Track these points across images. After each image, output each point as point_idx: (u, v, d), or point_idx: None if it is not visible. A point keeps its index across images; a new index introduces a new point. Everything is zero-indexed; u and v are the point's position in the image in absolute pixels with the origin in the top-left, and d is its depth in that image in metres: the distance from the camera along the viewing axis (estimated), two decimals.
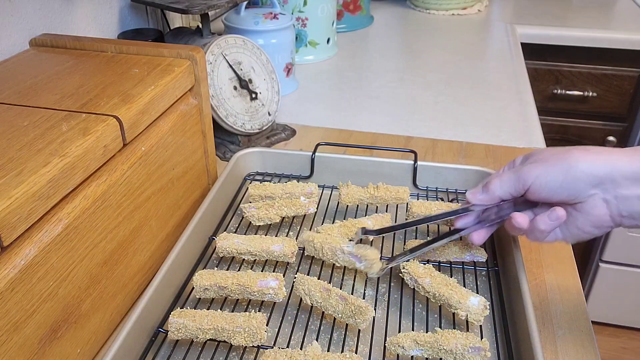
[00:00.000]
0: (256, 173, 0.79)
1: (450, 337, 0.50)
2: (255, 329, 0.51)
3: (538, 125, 0.98)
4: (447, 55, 1.30)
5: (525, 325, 0.51)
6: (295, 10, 1.19)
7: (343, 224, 0.65)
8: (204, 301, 0.59)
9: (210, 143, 0.74)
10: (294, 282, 0.58)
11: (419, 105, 1.06)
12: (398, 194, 0.70)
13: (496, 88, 1.12)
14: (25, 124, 0.51)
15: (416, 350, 0.51)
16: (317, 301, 0.56)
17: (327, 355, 0.50)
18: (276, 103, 0.92)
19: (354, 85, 1.14)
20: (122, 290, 0.58)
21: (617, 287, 1.67)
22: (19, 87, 0.59)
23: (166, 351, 0.54)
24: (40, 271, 0.45)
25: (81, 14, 0.89)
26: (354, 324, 0.54)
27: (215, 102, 0.83)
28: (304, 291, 0.56)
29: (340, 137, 0.94)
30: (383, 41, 1.41)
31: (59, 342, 0.48)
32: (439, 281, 0.56)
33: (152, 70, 0.63)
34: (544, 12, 1.58)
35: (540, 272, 0.66)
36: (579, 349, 0.56)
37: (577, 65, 1.47)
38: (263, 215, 0.67)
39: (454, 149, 0.90)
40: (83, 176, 0.49)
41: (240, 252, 0.62)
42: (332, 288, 0.55)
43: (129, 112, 0.55)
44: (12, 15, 0.75)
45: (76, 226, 0.49)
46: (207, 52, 0.82)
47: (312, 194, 0.71)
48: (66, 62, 0.66)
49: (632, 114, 1.50)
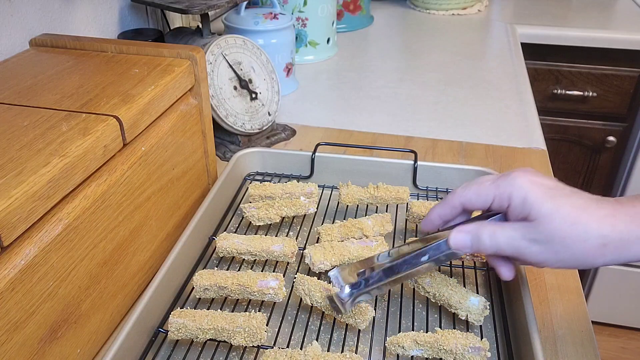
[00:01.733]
0: (256, 173, 0.79)
1: (450, 337, 0.50)
2: (255, 329, 0.51)
3: (538, 125, 0.98)
4: (447, 55, 1.30)
5: (525, 325, 0.51)
6: (295, 10, 1.19)
7: (343, 224, 0.65)
8: (204, 301, 0.59)
9: (210, 143, 0.74)
10: (293, 282, 0.58)
11: (419, 105, 1.06)
12: (398, 194, 0.70)
13: (496, 88, 1.12)
14: (25, 124, 0.51)
15: (416, 350, 0.51)
16: (318, 301, 0.56)
17: (327, 355, 0.50)
18: (276, 103, 0.92)
19: (354, 85, 1.14)
20: (122, 290, 0.58)
21: (617, 287, 1.67)
22: (19, 87, 0.59)
23: (166, 351, 0.54)
24: (40, 271, 0.45)
25: (81, 14, 0.89)
26: (354, 324, 0.54)
27: (215, 102, 0.83)
28: (304, 291, 0.56)
29: (340, 137, 0.94)
30: (383, 41, 1.41)
31: (59, 342, 0.48)
32: (439, 281, 0.56)
33: (152, 70, 0.63)
34: (544, 12, 1.58)
35: (540, 272, 0.66)
36: (579, 349, 0.56)
37: (577, 65, 1.47)
38: (263, 215, 0.67)
39: (454, 149, 0.90)
40: (83, 176, 0.49)
41: (240, 252, 0.62)
42: (332, 288, 0.55)
43: (129, 112, 0.55)
44: (12, 15, 0.75)
45: (76, 226, 0.49)
46: (207, 52, 0.82)
47: (312, 194, 0.71)
48: (66, 62, 0.66)
49: (632, 114, 1.50)
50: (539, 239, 0.44)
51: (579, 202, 0.43)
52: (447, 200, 0.51)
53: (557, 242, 0.43)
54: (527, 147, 0.91)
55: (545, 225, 0.43)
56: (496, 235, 0.46)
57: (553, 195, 0.44)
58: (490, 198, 0.47)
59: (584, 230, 0.42)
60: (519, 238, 0.45)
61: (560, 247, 0.43)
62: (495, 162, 0.87)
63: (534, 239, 0.44)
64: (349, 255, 0.61)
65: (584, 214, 0.42)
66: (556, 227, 0.43)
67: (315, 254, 0.60)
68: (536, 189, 0.44)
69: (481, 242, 0.47)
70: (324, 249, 0.60)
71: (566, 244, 0.43)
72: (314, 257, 0.60)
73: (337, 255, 0.60)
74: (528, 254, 0.45)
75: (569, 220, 0.42)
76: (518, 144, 0.92)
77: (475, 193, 0.48)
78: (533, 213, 0.44)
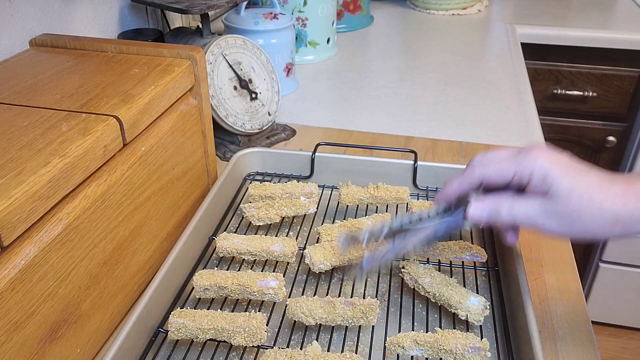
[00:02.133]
0: (256, 173, 0.79)
1: (450, 337, 0.50)
2: (255, 329, 0.51)
3: (538, 125, 0.98)
4: (447, 55, 1.30)
5: (525, 325, 0.51)
6: (295, 10, 1.19)
7: (343, 224, 0.65)
8: (204, 301, 0.59)
9: (210, 143, 0.74)
10: (286, 305, 0.55)
11: (419, 105, 1.06)
12: (398, 194, 0.70)
13: (496, 88, 1.12)
14: (25, 124, 0.51)
15: (416, 351, 0.51)
16: (321, 317, 0.54)
17: (327, 355, 0.50)
18: (276, 103, 0.92)
19: (354, 85, 1.14)
20: (122, 290, 0.58)
21: (617, 287, 1.67)
22: (19, 87, 0.59)
23: (166, 351, 0.54)
24: (40, 271, 0.45)
25: (81, 14, 0.89)
26: (366, 324, 0.54)
27: (215, 102, 0.83)
28: (304, 313, 0.54)
29: (340, 137, 0.94)
30: (383, 41, 1.41)
31: (59, 342, 0.48)
32: (439, 281, 0.56)
33: (152, 70, 0.63)
34: (544, 12, 1.58)
35: (540, 272, 0.66)
36: (579, 349, 0.56)
37: (577, 65, 1.46)
38: (263, 215, 0.67)
39: (454, 149, 0.90)
40: (83, 176, 0.49)
41: (240, 252, 0.62)
42: (334, 299, 0.54)
43: (129, 112, 0.55)
44: (12, 15, 0.75)
45: (76, 226, 0.49)
46: (207, 52, 0.82)
47: (312, 194, 0.71)
48: (66, 62, 0.66)
49: (632, 114, 1.50)
50: (557, 214, 0.47)
51: (594, 181, 0.47)
52: (466, 176, 0.53)
53: (574, 217, 0.47)
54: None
55: (563, 202, 0.47)
56: (514, 209, 0.49)
57: (571, 173, 0.47)
58: (510, 176, 0.50)
59: (599, 207, 0.46)
60: (538, 212, 0.48)
61: (576, 222, 0.47)
62: None
63: (552, 214, 0.48)
64: (349, 255, 0.60)
65: (598, 193, 0.46)
66: (574, 204, 0.46)
67: (315, 254, 0.60)
68: (556, 168, 0.47)
69: (499, 215, 0.50)
70: (324, 249, 0.60)
71: (582, 220, 0.47)
72: (314, 257, 0.60)
73: (337, 255, 0.60)
74: (544, 227, 0.49)
75: (585, 197, 0.46)
76: (518, 144, 0.92)
77: (496, 171, 0.51)
78: (552, 190, 0.47)
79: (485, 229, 0.69)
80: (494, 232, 0.68)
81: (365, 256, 0.55)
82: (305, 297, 0.55)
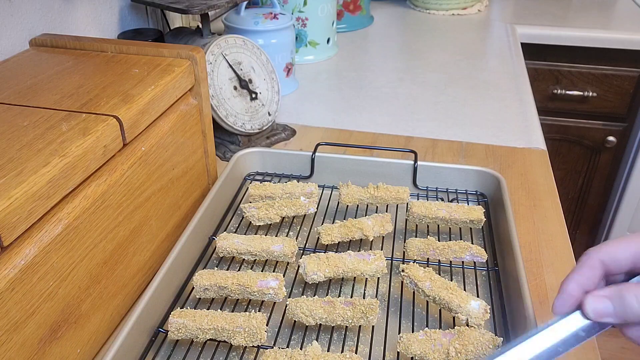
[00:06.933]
0: (256, 173, 0.79)
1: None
2: (255, 329, 0.51)
3: (538, 125, 0.98)
4: (447, 55, 1.30)
5: (525, 325, 0.51)
6: (295, 10, 1.19)
7: (343, 224, 0.65)
8: (204, 301, 0.59)
9: (210, 143, 0.74)
10: (286, 305, 0.55)
11: (419, 105, 1.06)
12: (398, 194, 0.70)
13: (496, 88, 1.12)
14: (25, 124, 0.51)
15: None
16: (321, 317, 0.54)
17: (327, 355, 0.50)
18: (276, 103, 0.92)
19: (354, 85, 1.14)
20: (122, 290, 0.58)
21: None
22: (19, 87, 0.59)
23: (166, 351, 0.54)
24: (40, 271, 0.45)
25: (81, 14, 0.89)
26: (367, 324, 0.54)
27: (215, 102, 0.83)
28: (304, 313, 0.54)
29: (340, 137, 0.94)
30: (383, 41, 1.41)
31: (59, 342, 0.48)
32: (439, 285, 0.56)
33: (152, 70, 0.63)
34: (544, 12, 1.58)
35: (540, 272, 0.66)
36: (579, 349, 0.56)
37: (577, 65, 1.47)
38: (263, 215, 0.67)
39: (454, 149, 0.90)
40: (83, 176, 0.49)
41: (240, 252, 0.62)
42: (334, 299, 0.54)
43: (129, 112, 0.55)
44: (12, 15, 0.75)
45: (76, 226, 0.49)
46: (207, 52, 0.82)
47: (312, 194, 0.71)
48: (66, 62, 0.66)
49: (632, 114, 1.50)
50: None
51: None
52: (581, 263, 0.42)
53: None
54: (527, 147, 0.91)
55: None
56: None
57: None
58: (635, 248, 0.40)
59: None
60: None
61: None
62: (495, 162, 0.87)
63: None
64: (344, 267, 0.59)
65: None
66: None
67: (309, 263, 0.59)
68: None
69: (627, 306, 0.38)
70: (319, 260, 0.59)
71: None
72: (307, 267, 0.59)
73: (332, 266, 0.58)
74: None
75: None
76: (518, 144, 0.92)
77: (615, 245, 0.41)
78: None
79: (485, 229, 0.69)
80: (494, 232, 0.68)
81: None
82: (305, 297, 0.55)
